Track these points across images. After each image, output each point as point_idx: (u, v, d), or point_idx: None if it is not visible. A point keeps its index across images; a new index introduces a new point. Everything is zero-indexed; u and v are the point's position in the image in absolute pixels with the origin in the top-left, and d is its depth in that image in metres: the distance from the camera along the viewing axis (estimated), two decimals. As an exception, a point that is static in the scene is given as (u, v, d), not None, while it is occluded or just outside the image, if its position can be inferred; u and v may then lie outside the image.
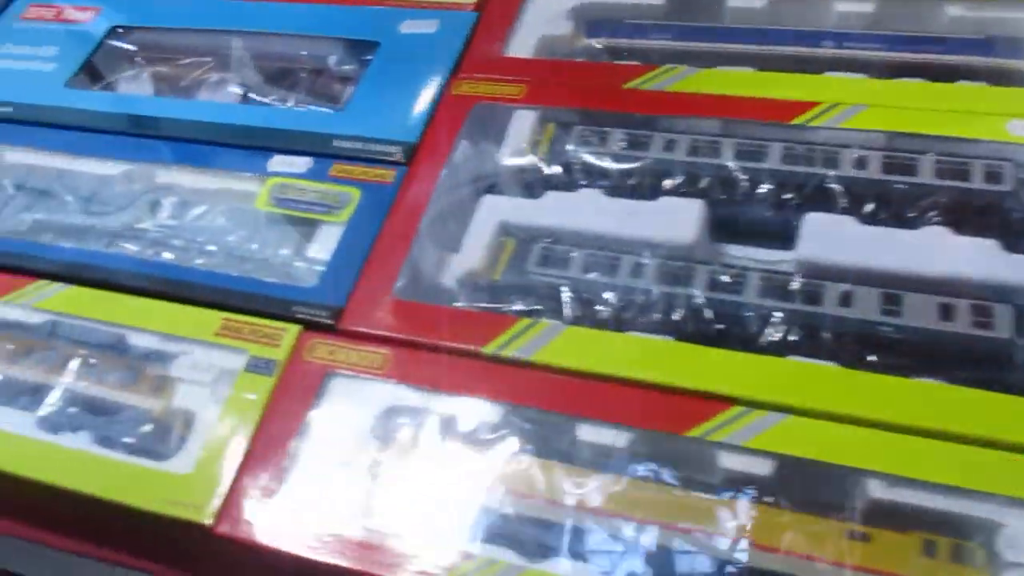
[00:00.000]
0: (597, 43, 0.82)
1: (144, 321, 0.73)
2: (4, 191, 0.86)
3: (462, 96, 0.79)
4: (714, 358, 0.61)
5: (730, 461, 0.57)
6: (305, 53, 0.90)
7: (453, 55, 0.83)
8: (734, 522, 0.56)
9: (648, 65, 0.77)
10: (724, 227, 0.70)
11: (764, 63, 0.77)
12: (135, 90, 0.92)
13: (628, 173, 0.72)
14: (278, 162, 0.79)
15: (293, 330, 0.69)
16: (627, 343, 0.63)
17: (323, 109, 0.84)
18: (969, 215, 0.64)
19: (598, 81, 0.78)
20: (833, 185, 0.68)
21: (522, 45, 0.83)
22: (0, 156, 0.90)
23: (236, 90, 0.89)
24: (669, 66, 0.77)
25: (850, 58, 0.76)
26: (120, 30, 0.97)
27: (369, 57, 0.86)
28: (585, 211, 0.70)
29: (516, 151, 0.75)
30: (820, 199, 0.68)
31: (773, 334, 0.62)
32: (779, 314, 0.62)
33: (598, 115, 0.76)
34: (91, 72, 0.94)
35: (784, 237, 0.69)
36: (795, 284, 0.63)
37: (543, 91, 0.78)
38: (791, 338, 0.61)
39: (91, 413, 0.69)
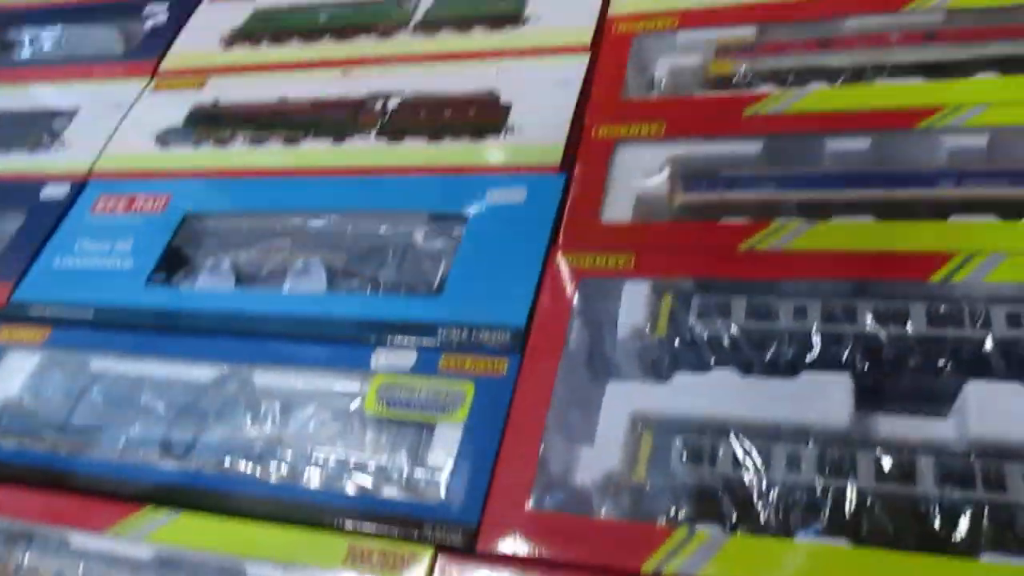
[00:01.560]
0: (697, 198, 0.79)
1: (263, 550, 0.69)
2: (94, 404, 0.83)
3: (566, 270, 0.76)
4: (900, 565, 0.55)
5: None
6: (389, 230, 0.88)
7: (548, 225, 0.80)
8: None
9: (760, 222, 0.74)
10: (872, 397, 0.65)
11: (881, 210, 0.73)
12: (217, 281, 0.90)
13: (760, 347, 0.68)
14: (382, 357, 0.76)
15: (425, 555, 0.64)
16: (800, 554, 0.57)
17: (421, 294, 0.81)
18: None
19: (710, 243, 0.75)
20: (990, 347, 0.63)
21: (619, 207, 0.80)
22: (85, 363, 0.87)
23: (322, 276, 0.86)
24: (783, 221, 0.73)
25: (973, 198, 0.72)
26: (194, 217, 0.95)
27: (457, 231, 0.84)
28: (721, 395, 0.66)
29: (634, 329, 0.71)
30: (978, 364, 0.63)
31: (961, 530, 0.56)
32: (967, 506, 0.57)
33: (716, 283, 0.72)
34: (170, 265, 0.92)
35: (939, 401, 0.65)
36: (974, 467, 0.58)
37: (652, 259, 0.75)
38: (984, 533, 0.56)
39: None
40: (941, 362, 0.64)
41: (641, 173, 0.81)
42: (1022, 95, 0.75)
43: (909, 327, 0.65)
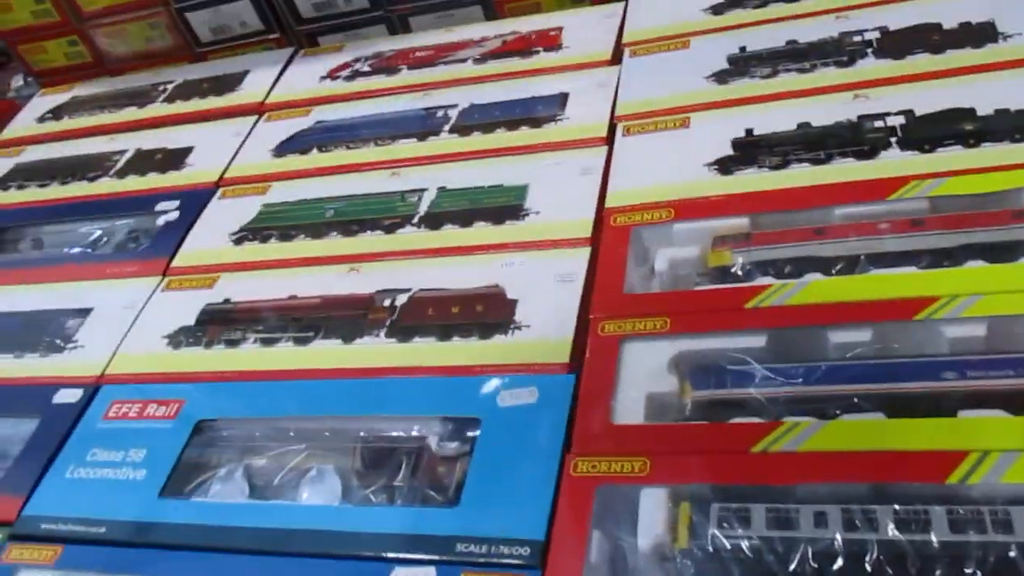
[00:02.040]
0: (708, 395, 0.80)
1: None
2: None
3: (582, 477, 0.76)
4: None
5: None
6: (402, 434, 0.88)
7: (561, 428, 0.80)
8: None
9: (770, 423, 0.75)
10: (902, 607, 0.65)
11: (889, 403, 0.74)
12: (230, 492, 0.90)
13: (783, 557, 0.68)
14: (401, 576, 0.75)
15: None
16: None
17: (437, 503, 0.81)
18: None
19: (722, 446, 0.75)
20: (1015, 553, 0.63)
21: (630, 408, 0.80)
22: (101, 589, 0.86)
23: (336, 484, 0.86)
24: (793, 421, 0.74)
25: (979, 391, 0.73)
26: (207, 423, 0.95)
27: (470, 433, 0.84)
28: (749, 614, 0.65)
29: (655, 540, 0.71)
30: (1006, 570, 0.63)
31: None
32: None
33: (732, 488, 0.72)
34: (182, 477, 0.92)
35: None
36: None
37: (667, 463, 0.75)
38: None
39: None
40: (968, 569, 0.64)
41: (649, 371, 0.83)
42: (1010, 284, 0.78)
43: (932, 535, 0.65)
